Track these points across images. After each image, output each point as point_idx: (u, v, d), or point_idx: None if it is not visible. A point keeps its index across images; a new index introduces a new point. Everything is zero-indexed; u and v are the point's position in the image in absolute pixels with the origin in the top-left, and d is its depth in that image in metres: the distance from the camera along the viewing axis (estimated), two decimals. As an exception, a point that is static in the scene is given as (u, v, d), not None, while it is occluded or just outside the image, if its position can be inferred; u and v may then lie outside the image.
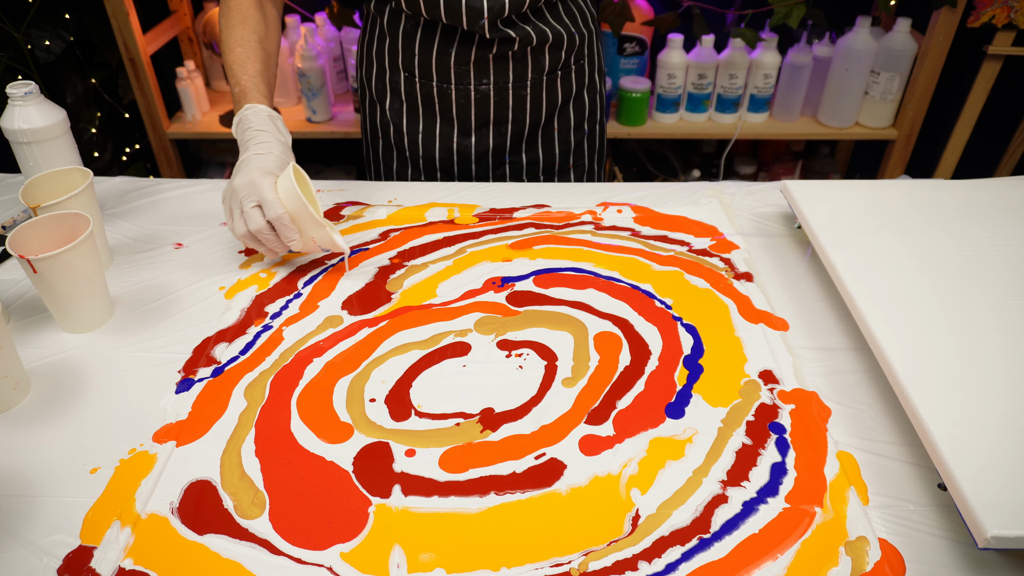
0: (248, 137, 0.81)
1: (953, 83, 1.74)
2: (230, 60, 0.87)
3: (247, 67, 0.85)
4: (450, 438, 0.62)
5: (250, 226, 0.75)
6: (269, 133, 0.81)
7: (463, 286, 0.80)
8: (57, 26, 1.61)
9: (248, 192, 0.75)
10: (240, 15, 0.89)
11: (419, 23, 0.92)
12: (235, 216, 0.77)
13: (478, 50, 0.92)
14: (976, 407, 0.56)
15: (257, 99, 0.84)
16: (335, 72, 1.84)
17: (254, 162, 0.77)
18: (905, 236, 0.77)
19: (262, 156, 0.78)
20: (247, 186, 0.75)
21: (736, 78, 1.73)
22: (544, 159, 1.06)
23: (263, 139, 0.80)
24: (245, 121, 0.82)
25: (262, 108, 0.83)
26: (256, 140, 0.80)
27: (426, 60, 0.94)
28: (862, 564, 0.51)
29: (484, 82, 0.96)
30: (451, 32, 0.91)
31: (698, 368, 0.69)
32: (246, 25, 0.88)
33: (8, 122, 0.81)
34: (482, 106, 0.98)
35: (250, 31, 0.88)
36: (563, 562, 0.52)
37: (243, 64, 0.86)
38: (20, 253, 0.67)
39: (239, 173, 0.77)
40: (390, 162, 1.07)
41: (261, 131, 0.81)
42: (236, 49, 0.86)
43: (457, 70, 0.94)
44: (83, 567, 0.51)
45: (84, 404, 0.65)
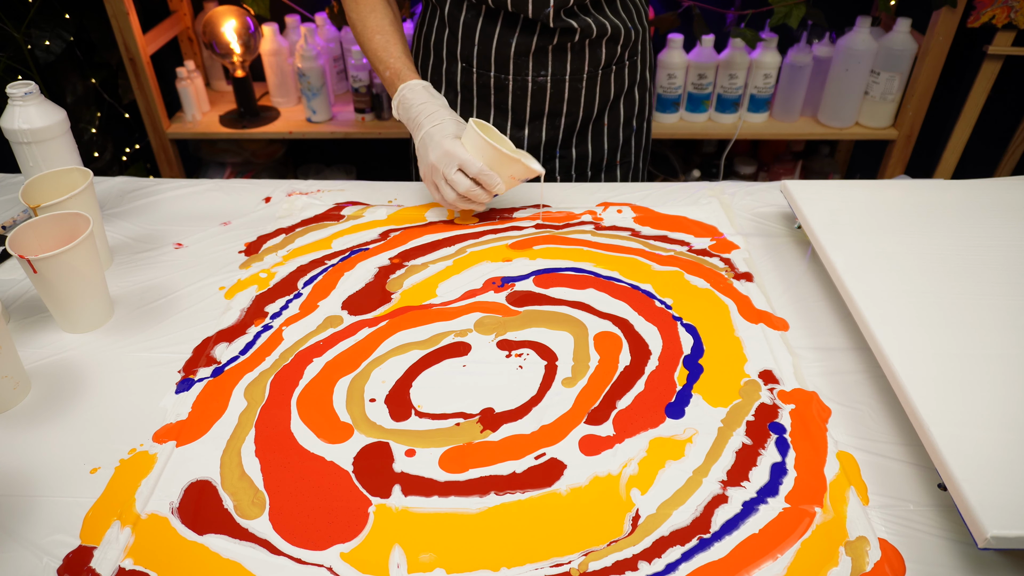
0: (416, 113, 0.86)
1: (953, 83, 1.74)
2: (372, 48, 0.91)
3: (391, 50, 0.90)
4: (450, 438, 0.62)
5: (459, 189, 0.82)
6: (433, 103, 0.86)
7: (463, 286, 0.80)
8: (57, 26, 1.61)
9: (447, 161, 0.82)
10: (368, 4, 0.93)
11: (480, 12, 0.93)
12: (441, 187, 0.84)
13: (539, 40, 0.94)
14: (976, 407, 0.56)
15: (409, 76, 0.89)
16: (335, 72, 1.84)
17: (437, 134, 0.83)
18: (905, 236, 0.77)
19: (440, 126, 0.84)
20: (444, 156, 0.82)
21: (736, 78, 1.73)
22: (593, 154, 1.08)
23: (431, 110, 0.85)
24: (406, 101, 0.87)
25: (416, 83, 0.88)
26: (426, 113, 0.85)
27: (485, 50, 0.95)
28: (862, 564, 0.51)
29: (542, 74, 0.97)
30: (513, 22, 0.93)
31: (698, 368, 0.69)
32: (376, 12, 0.92)
33: (8, 122, 0.81)
34: (538, 98, 0.99)
35: (382, 16, 0.93)
36: (563, 562, 0.52)
37: (386, 48, 0.90)
38: (20, 253, 0.67)
39: (429, 148, 0.83)
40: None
41: (426, 103, 0.86)
42: (375, 37, 0.91)
43: (516, 60, 0.96)
44: (83, 567, 0.52)
45: (84, 404, 0.65)
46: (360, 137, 1.80)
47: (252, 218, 0.93)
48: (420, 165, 0.86)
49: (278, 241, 0.88)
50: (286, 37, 1.81)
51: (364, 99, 1.76)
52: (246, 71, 1.75)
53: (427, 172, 0.85)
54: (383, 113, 1.80)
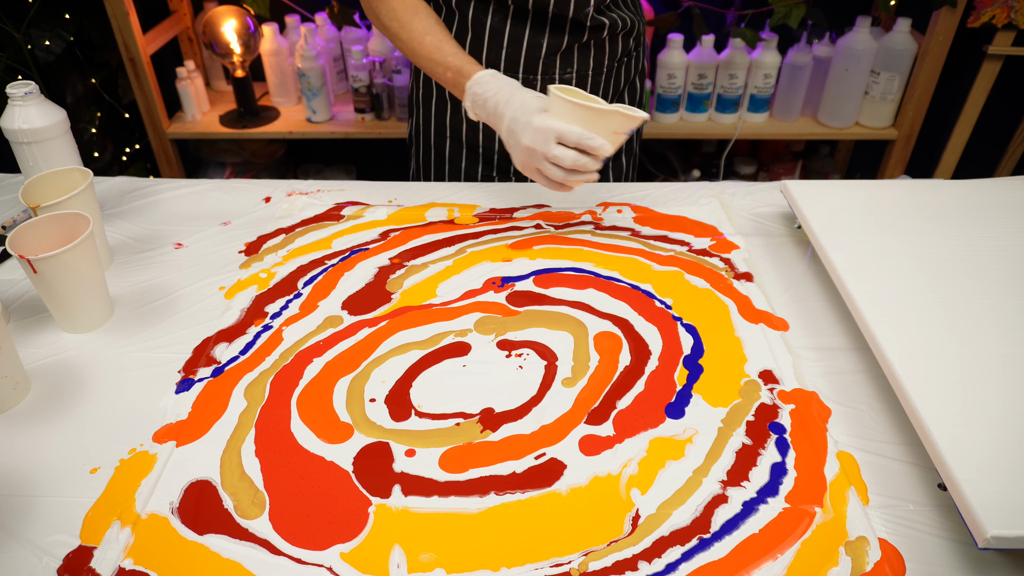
0: (494, 105, 0.80)
1: (953, 83, 1.74)
2: (424, 52, 0.86)
3: (445, 49, 0.85)
4: (450, 438, 0.62)
5: (565, 163, 0.76)
6: (508, 87, 0.80)
7: (463, 286, 0.80)
8: (57, 26, 1.61)
9: (542, 138, 0.75)
10: (408, 7, 0.87)
11: (508, 15, 0.92)
12: (545, 169, 0.77)
13: (569, 39, 0.94)
14: (976, 407, 0.56)
15: (474, 70, 0.83)
16: (335, 72, 1.84)
17: (522, 115, 0.77)
18: (905, 236, 0.77)
19: (522, 106, 0.78)
20: (536, 134, 0.76)
21: (736, 78, 1.73)
22: None
23: (508, 94, 0.80)
24: (479, 96, 0.82)
25: (483, 74, 0.82)
26: (504, 101, 0.80)
27: (515, 52, 0.94)
28: (862, 564, 0.51)
29: (568, 71, 0.97)
30: (542, 22, 0.92)
31: (698, 368, 0.69)
32: (419, 14, 0.87)
33: (8, 122, 0.81)
34: None
35: (426, 17, 0.88)
36: (563, 562, 0.52)
37: (440, 48, 0.85)
38: (20, 253, 0.67)
39: (518, 133, 0.77)
40: (458, 161, 1.06)
41: (500, 91, 0.80)
42: (425, 39, 0.86)
43: (546, 60, 0.95)
44: (83, 567, 0.52)
45: (84, 404, 0.65)
46: (360, 137, 1.80)
47: (252, 218, 0.93)
48: (514, 157, 0.80)
49: (278, 241, 0.88)
50: (286, 37, 1.81)
51: (364, 99, 1.76)
52: (246, 71, 1.75)
53: (524, 159, 0.79)
54: (383, 113, 1.80)
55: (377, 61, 1.73)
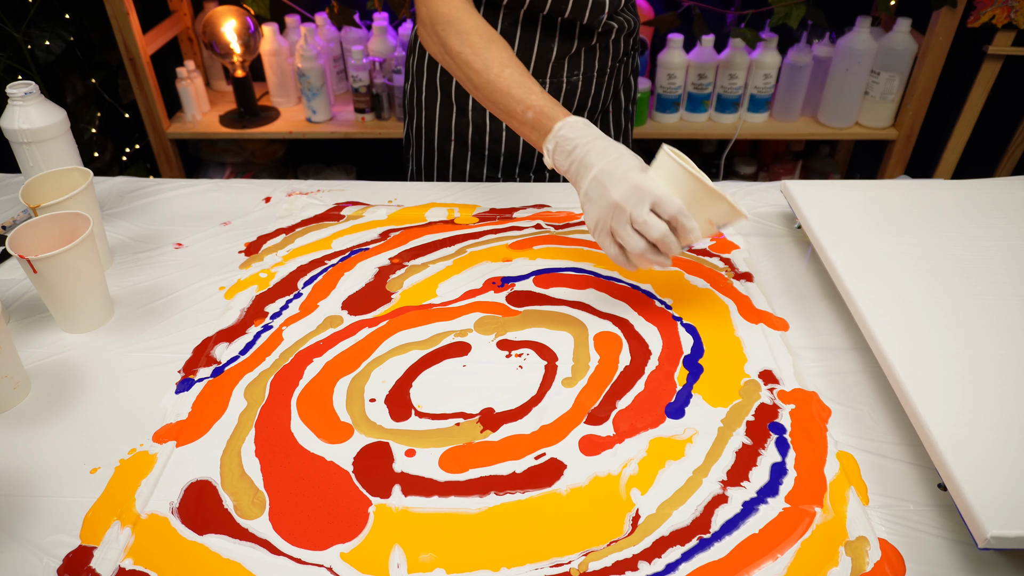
0: (584, 152, 0.69)
1: (953, 83, 1.74)
2: (501, 85, 0.76)
3: (529, 86, 0.75)
4: (450, 438, 0.62)
5: (652, 235, 0.65)
6: (602, 139, 0.70)
7: (463, 286, 0.80)
8: (57, 26, 1.61)
9: (637, 198, 0.65)
10: (483, 36, 0.78)
11: (517, 20, 0.91)
12: (623, 234, 0.66)
13: (579, 42, 0.94)
14: (976, 407, 0.56)
15: (563, 113, 0.73)
16: (335, 72, 1.84)
17: (618, 169, 0.66)
18: (905, 236, 0.77)
19: (620, 160, 0.67)
20: (633, 192, 0.65)
21: (736, 78, 1.73)
22: None
23: (603, 145, 0.69)
24: (568, 141, 0.71)
25: (575, 120, 0.72)
26: (597, 150, 0.69)
27: (525, 56, 0.94)
28: (862, 564, 0.51)
29: (575, 73, 0.97)
30: (552, 27, 0.92)
31: (698, 368, 0.69)
32: (496, 44, 0.78)
33: (8, 122, 0.81)
34: (569, 97, 0.99)
35: (503, 48, 0.78)
36: (563, 562, 0.52)
37: (522, 85, 0.75)
38: (20, 253, 0.67)
39: (609, 186, 0.66)
40: (462, 164, 1.06)
41: (594, 140, 0.70)
42: (504, 72, 0.76)
43: (555, 64, 0.95)
44: (83, 567, 0.52)
45: (84, 404, 0.65)
46: (360, 137, 1.80)
47: (252, 218, 0.93)
48: (590, 214, 0.69)
49: (278, 241, 0.88)
50: (286, 37, 1.81)
51: (364, 99, 1.76)
52: (246, 71, 1.75)
53: (603, 216, 0.67)
54: (383, 113, 1.80)
55: (377, 61, 1.73)
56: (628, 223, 0.66)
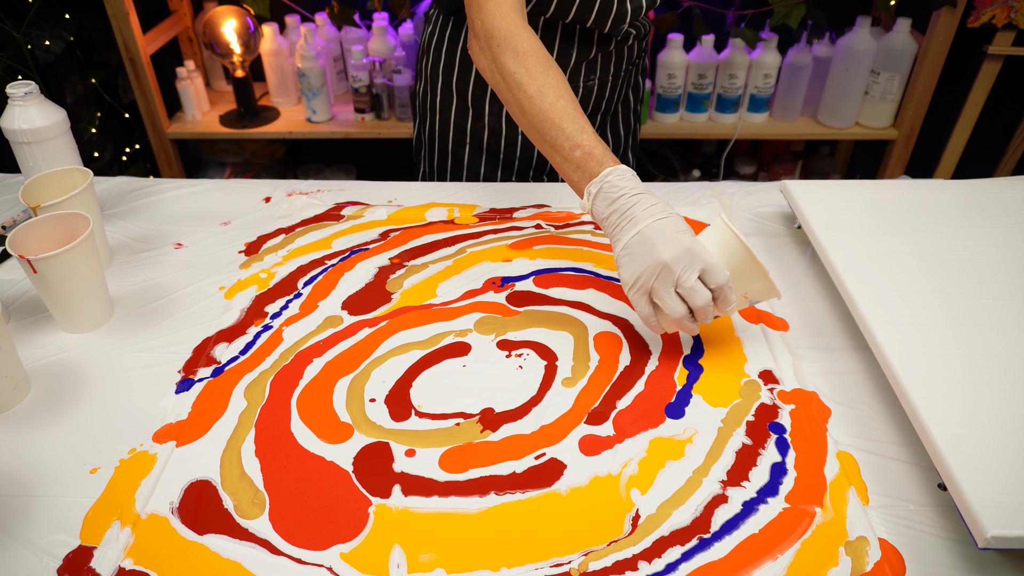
0: (629, 205, 0.66)
1: (953, 83, 1.74)
2: (555, 114, 0.71)
3: (581, 123, 0.71)
4: (450, 438, 0.62)
5: (697, 302, 0.63)
6: (652, 195, 0.67)
7: (463, 286, 0.80)
8: (57, 26, 1.61)
9: (688, 262, 0.62)
10: (540, 60, 0.74)
11: (538, 26, 0.91)
12: (665, 297, 0.64)
13: (597, 48, 0.94)
14: (976, 407, 0.56)
15: (613, 160, 0.70)
16: (335, 72, 1.84)
17: (669, 228, 0.64)
18: (905, 236, 0.77)
19: (670, 220, 0.65)
20: (685, 255, 0.62)
21: (736, 78, 1.73)
22: (612, 142, 1.09)
23: (651, 202, 0.66)
24: (613, 188, 0.67)
25: (625, 169, 0.69)
26: (644, 205, 0.66)
27: None
28: (862, 564, 0.51)
29: (592, 78, 0.97)
30: (572, 33, 0.92)
31: (698, 368, 0.69)
32: (553, 71, 0.73)
33: (8, 122, 0.81)
34: (584, 101, 1.00)
35: (561, 78, 0.74)
36: (563, 562, 0.52)
37: (575, 119, 0.71)
38: (20, 253, 0.67)
39: (658, 244, 0.63)
40: (476, 167, 1.06)
41: (641, 194, 0.67)
42: (558, 103, 0.72)
43: (573, 69, 0.95)
44: (83, 567, 0.52)
45: (84, 404, 0.65)
46: (360, 137, 1.80)
47: (252, 218, 0.93)
48: (629, 268, 0.65)
49: (278, 241, 0.88)
50: (286, 37, 1.81)
51: (364, 99, 1.76)
52: (246, 71, 1.75)
53: (645, 276, 0.64)
54: (383, 113, 1.80)
55: (377, 61, 1.73)
56: (672, 286, 0.64)
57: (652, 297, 0.65)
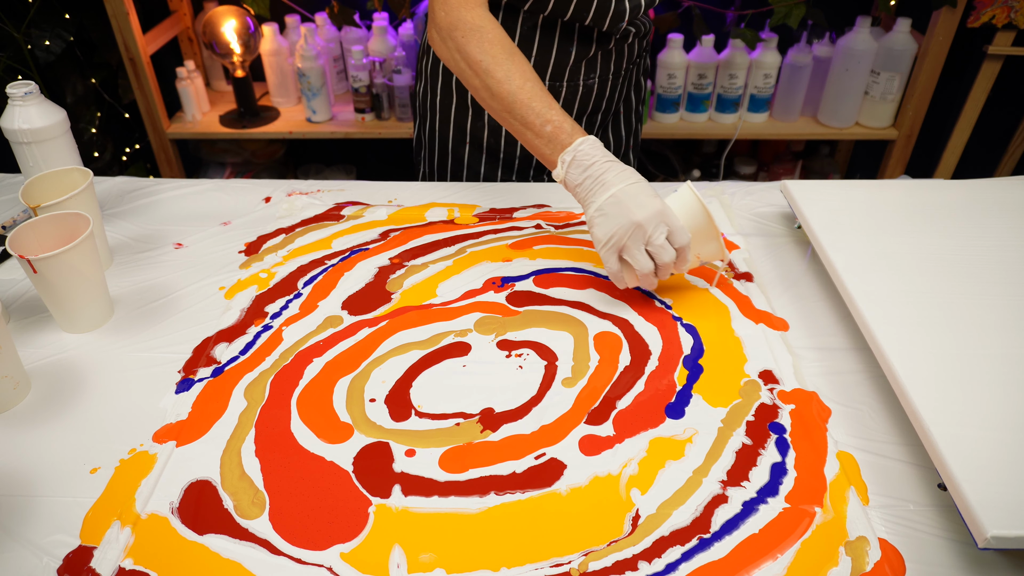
0: (602, 171, 0.72)
1: (953, 83, 1.74)
2: (523, 96, 0.76)
3: (549, 102, 0.76)
4: (450, 438, 0.62)
5: (663, 259, 0.70)
6: (620, 163, 0.73)
7: (463, 286, 0.80)
8: (57, 26, 1.61)
9: (656, 223, 0.69)
10: (504, 47, 0.79)
11: (536, 24, 0.92)
12: (634, 254, 0.70)
13: (597, 46, 0.94)
14: (976, 407, 0.56)
15: (582, 131, 0.75)
16: (335, 72, 1.84)
17: (640, 192, 0.70)
18: (905, 236, 0.77)
19: (640, 184, 0.71)
20: (654, 217, 0.69)
21: (736, 78, 1.73)
22: (614, 143, 1.10)
23: (621, 168, 0.72)
24: (585, 156, 0.73)
25: (595, 140, 0.74)
26: (615, 171, 0.72)
27: (543, 60, 0.94)
28: (862, 564, 0.51)
29: (592, 76, 0.97)
30: (571, 31, 0.92)
31: (698, 368, 0.69)
32: (516, 57, 0.79)
33: (8, 122, 0.81)
34: (585, 99, 1.00)
35: (525, 62, 0.79)
36: (563, 562, 0.52)
37: (542, 98, 0.76)
38: (20, 253, 0.67)
39: (631, 207, 0.69)
40: (476, 166, 1.06)
41: (612, 161, 0.73)
42: (525, 86, 0.77)
43: (573, 67, 0.95)
44: (83, 567, 0.52)
45: (84, 404, 0.65)
46: (360, 137, 1.80)
47: (252, 218, 0.93)
48: (603, 227, 0.71)
49: (278, 241, 0.88)
50: (286, 37, 1.81)
51: (364, 99, 1.76)
52: (246, 71, 1.75)
53: (619, 234, 0.70)
54: (383, 113, 1.80)
55: (377, 61, 1.73)
56: (644, 244, 0.70)
57: (622, 254, 0.71)
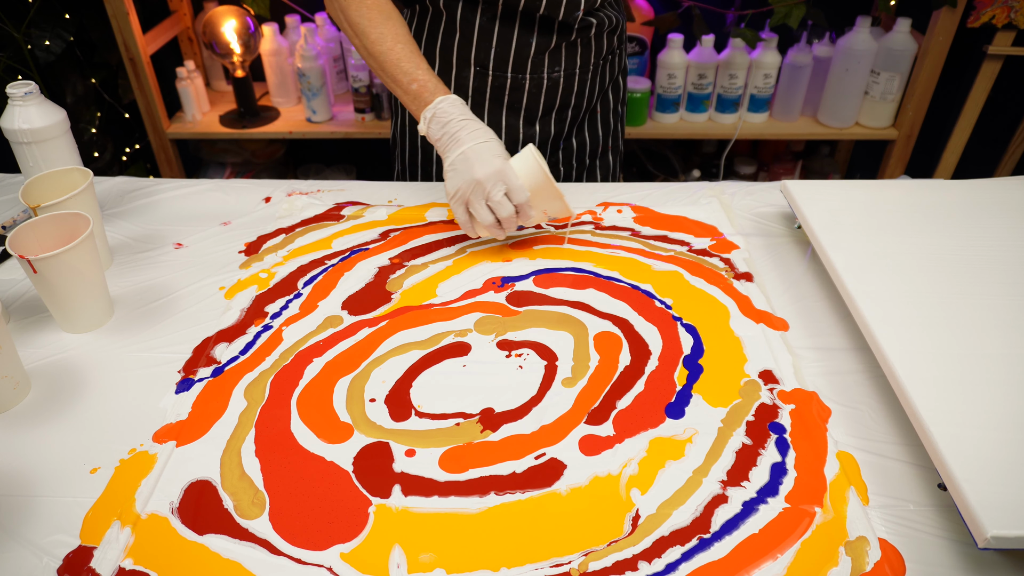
0: (458, 129, 0.79)
1: (953, 83, 1.74)
2: (392, 58, 0.83)
3: (418, 62, 0.83)
4: (450, 438, 0.62)
5: (501, 213, 0.77)
6: (475, 120, 0.80)
7: (463, 286, 0.80)
8: (57, 26, 1.61)
9: (495, 180, 0.76)
10: (383, 11, 0.84)
11: (496, 15, 0.92)
12: (477, 208, 0.78)
13: (558, 38, 0.94)
14: (976, 407, 0.56)
15: (444, 90, 0.82)
16: (335, 72, 1.84)
17: (485, 151, 0.77)
18: (905, 236, 0.77)
19: (488, 144, 0.78)
20: (495, 175, 0.76)
21: (736, 78, 1.73)
22: (591, 142, 1.10)
23: (475, 127, 0.79)
24: (444, 114, 0.80)
25: (455, 97, 0.81)
26: (469, 129, 0.79)
27: (503, 52, 0.94)
28: (862, 564, 0.51)
29: (556, 70, 0.98)
30: (530, 22, 0.93)
31: (698, 368, 0.69)
32: (392, 20, 0.85)
33: (8, 122, 0.81)
34: (551, 94, 1.00)
35: (400, 25, 0.85)
36: (563, 562, 0.52)
37: (412, 59, 0.83)
38: (20, 253, 0.67)
39: (475, 164, 0.77)
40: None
41: (467, 120, 0.80)
42: (396, 47, 0.83)
43: (535, 59, 0.96)
44: (83, 567, 0.52)
45: (84, 404, 0.65)
46: (360, 137, 1.80)
47: (252, 218, 0.93)
48: (452, 182, 0.79)
49: (278, 241, 0.88)
50: (286, 37, 1.81)
51: (364, 99, 1.76)
52: (246, 71, 1.75)
53: (464, 189, 0.78)
54: (383, 113, 1.80)
55: (377, 61, 1.73)
56: (484, 199, 0.78)
57: (468, 207, 0.79)
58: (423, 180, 1.08)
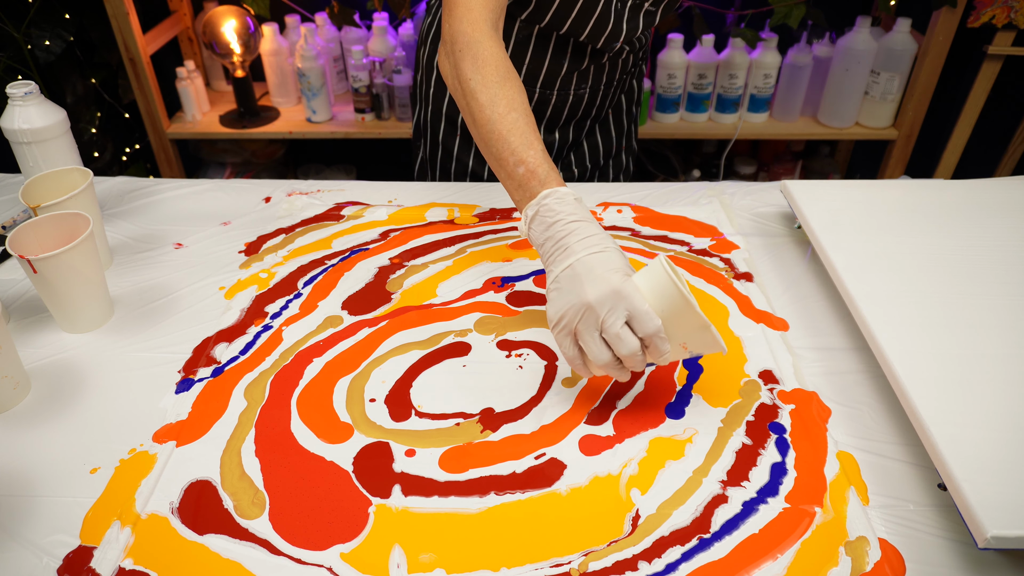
0: (564, 233, 0.61)
1: (953, 83, 1.74)
2: (501, 128, 0.66)
3: (530, 138, 0.66)
4: (450, 438, 0.62)
5: (622, 350, 0.57)
6: (589, 222, 0.61)
7: (463, 286, 0.80)
8: (57, 26, 1.61)
9: (613, 305, 0.57)
10: (499, 70, 0.69)
11: (532, 34, 0.92)
12: (588, 340, 0.58)
13: (590, 60, 0.95)
14: (976, 407, 0.56)
15: (556, 181, 0.64)
16: (335, 72, 1.84)
17: (599, 264, 0.58)
18: (905, 236, 0.77)
19: (604, 254, 0.59)
20: (612, 297, 0.56)
21: (736, 78, 1.73)
22: (603, 144, 1.10)
23: (587, 232, 0.60)
24: (551, 212, 0.62)
25: (567, 191, 0.63)
26: (579, 235, 0.60)
27: (535, 69, 0.95)
28: (862, 564, 0.51)
29: (583, 87, 0.98)
30: (565, 45, 0.93)
31: (698, 368, 0.69)
32: (510, 83, 0.69)
33: (8, 122, 0.81)
34: (575, 107, 1.01)
35: (517, 90, 0.69)
36: (563, 562, 0.52)
37: (524, 135, 0.66)
38: (20, 253, 0.67)
39: (585, 282, 0.57)
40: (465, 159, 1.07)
41: (580, 222, 0.61)
42: (510, 115, 0.67)
43: (564, 78, 0.96)
44: (83, 567, 0.52)
45: (84, 404, 0.65)
46: (360, 137, 1.80)
47: (252, 218, 0.93)
48: (555, 304, 0.60)
49: (278, 241, 0.88)
50: (286, 37, 1.81)
51: (364, 99, 1.76)
52: (246, 71, 1.75)
53: (570, 316, 0.58)
54: (383, 113, 1.80)
55: (377, 61, 1.73)
56: (597, 330, 0.58)
57: (577, 339, 0.60)
58: (441, 174, 1.08)
